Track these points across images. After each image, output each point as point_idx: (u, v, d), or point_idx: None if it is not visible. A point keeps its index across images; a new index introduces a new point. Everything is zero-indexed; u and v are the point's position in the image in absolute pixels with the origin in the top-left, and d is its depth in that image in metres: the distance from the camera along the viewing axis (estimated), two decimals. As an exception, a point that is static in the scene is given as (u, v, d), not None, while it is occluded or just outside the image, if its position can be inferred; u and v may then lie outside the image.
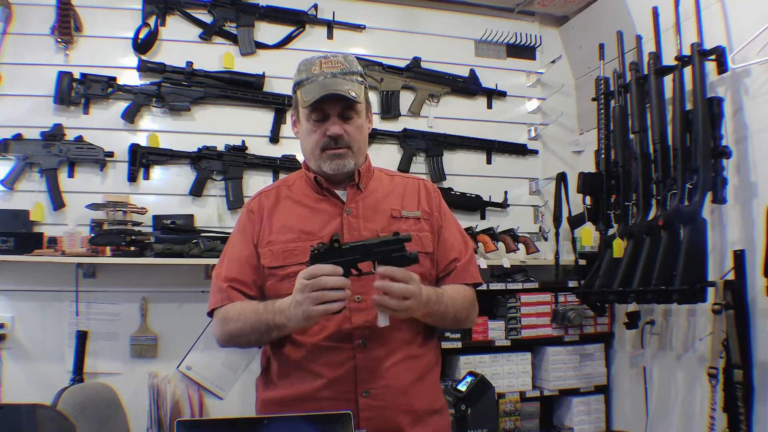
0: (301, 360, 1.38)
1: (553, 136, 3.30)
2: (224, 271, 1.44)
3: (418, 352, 1.43)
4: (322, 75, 1.41)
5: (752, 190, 2.21)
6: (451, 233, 1.52)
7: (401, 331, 1.40)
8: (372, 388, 1.35)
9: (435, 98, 3.12)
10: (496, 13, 3.29)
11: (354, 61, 1.47)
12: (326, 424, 1.11)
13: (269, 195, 1.51)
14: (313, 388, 1.36)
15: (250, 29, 2.90)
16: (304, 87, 1.41)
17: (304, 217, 1.44)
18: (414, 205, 1.50)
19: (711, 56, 2.25)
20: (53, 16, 2.63)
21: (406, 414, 1.37)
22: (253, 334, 1.35)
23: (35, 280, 2.55)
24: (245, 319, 1.36)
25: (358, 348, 1.35)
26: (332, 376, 1.35)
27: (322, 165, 1.43)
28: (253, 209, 1.49)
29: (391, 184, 1.54)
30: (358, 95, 1.40)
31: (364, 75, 1.48)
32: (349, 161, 1.43)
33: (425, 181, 1.59)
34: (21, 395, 2.45)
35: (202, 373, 2.70)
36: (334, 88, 1.38)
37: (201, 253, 2.51)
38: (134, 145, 2.68)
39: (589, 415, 2.87)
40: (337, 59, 1.44)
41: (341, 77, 1.41)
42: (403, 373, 1.39)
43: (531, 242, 3.00)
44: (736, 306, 2.10)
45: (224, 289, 1.42)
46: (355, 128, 1.42)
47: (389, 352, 1.37)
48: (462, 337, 2.73)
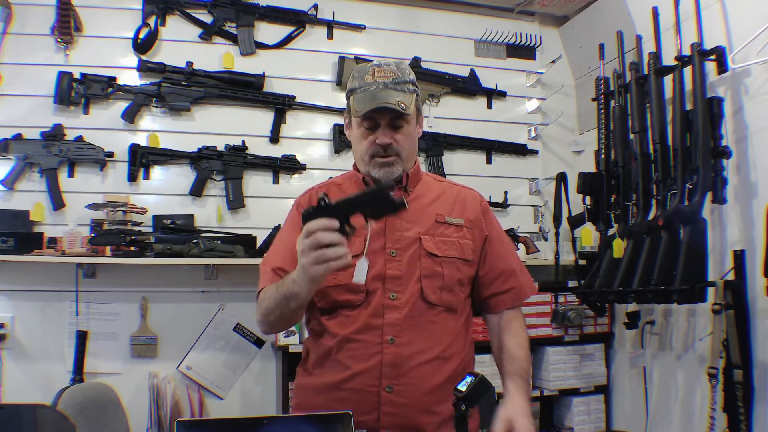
0: (333, 350, 1.41)
1: (553, 136, 3.31)
2: (270, 260, 1.49)
3: (450, 353, 1.43)
4: (375, 85, 1.42)
5: (752, 190, 2.21)
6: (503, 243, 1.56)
7: (432, 333, 1.41)
8: (396, 384, 1.36)
9: (435, 98, 3.12)
10: (496, 13, 3.29)
11: (406, 70, 1.48)
12: (326, 424, 1.11)
13: (320, 191, 1.52)
14: (340, 378, 1.39)
15: (250, 29, 2.90)
16: (357, 95, 1.43)
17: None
18: (459, 212, 1.52)
19: (711, 56, 2.25)
20: (53, 16, 2.63)
21: (430, 415, 1.38)
22: (278, 309, 1.36)
23: (35, 280, 2.56)
24: (271, 295, 1.38)
25: (387, 344, 1.37)
26: (358, 369, 1.37)
27: (371, 171, 1.46)
28: (302, 203, 1.53)
29: (440, 190, 1.56)
30: (407, 106, 1.41)
31: (416, 83, 1.50)
32: (398, 168, 1.45)
33: (474, 191, 1.62)
34: (21, 395, 2.45)
35: (202, 373, 2.70)
36: (385, 100, 1.39)
37: (201, 253, 2.51)
38: (134, 145, 2.68)
39: (589, 415, 2.87)
40: (390, 68, 1.45)
41: (392, 87, 1.41)
42: (431, 373, 1.39)
43: (531, 242, 3.01)
44: (736, 306, 2.10)
45: (267, 272, 1.46)
46: (404, 137, 1.44)
47: (418, 350, 1.39)
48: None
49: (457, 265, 1.45)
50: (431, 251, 1.43)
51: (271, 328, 1.45)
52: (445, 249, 1.45)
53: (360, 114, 1.41)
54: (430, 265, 1.42)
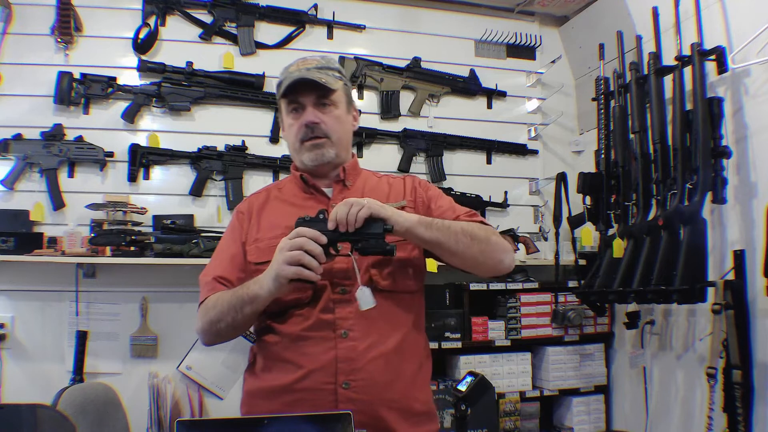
0: (283, 351, 1.38)
1: (553, 136, 3.30)
2: (211, 270, 1.48)
3: (405, 346, 1.41)
4: (297, 71, 1.45)
5: (752, 190, 2.21)
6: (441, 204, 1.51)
7: (386, 323, 1.38)
8: (352, 380, 1.32)
9: (435, 98, 3.11)
10: (496, 13, 3.28)
11: (332, 60, 1.52)
12: (326, 424, 1.11)
13: (259, 197, 1.55)
14: (292, 379, 1.35)
15: (250, 29, 2.90)
16: (282, 85, 1.46)
17: (290, 214, 1.44)
18: (399, 196, 1.51)
19: (711, 56, 2.24)
20: (53, 16, 2.63)
21: (392, 410, 1.35)
22: (230, 315, 1.35)
23: (35, 280, 2.55)
24: (223, 301, 1.37)
25: (340, 338, 1.34)
26: (312, 367, 1.34)
27: (303, 158, 1.46)
28: (242, 210, 1.53)
29: (378, 182, 1.56)
30: (331, 84, 1.43)
31: (342, 73, 1.52)
32: (329, 150, 1.45)
33: (413, 176, 1.61)
34: (21, 395, 2.45)
35: (202, 373, 2.70)
36: (306, 76, 1.42)
37: (201, 253, 2.51)
38: (134, 145, 2.68)
39: (589, 415, 2.87)
40: (314, 58, 1.49)
41: (315, 70, 1.44)
42: (388, 365, 1.36)
43: (531, 242, 3.00)
44: (736, 306, 2.10)
45: (209, 282, 1.45)
46: (332, 118, 1.45)
47: (373, 343, 1.35)
48: (462, 337, 2.73)
49: (405, 246, 1.42)
50: None
51: (216, 337, 1.42)
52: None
53: (282, 93, 1.43)
54: None
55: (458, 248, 1.36)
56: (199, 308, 1.44)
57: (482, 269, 1.44)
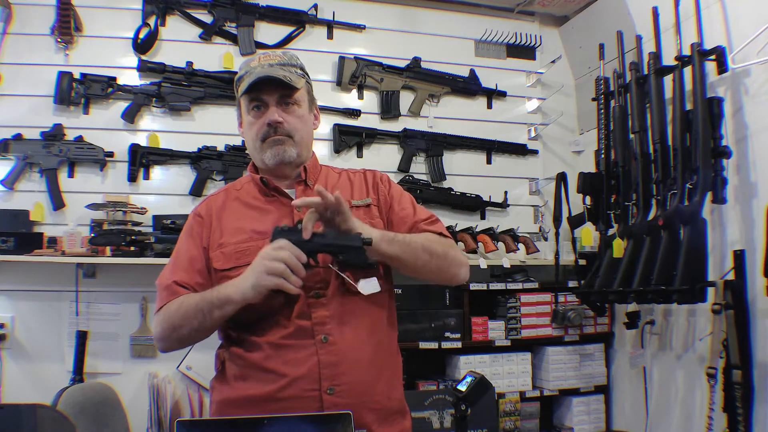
0: (260, 360, 1.33)
1: (553, 136, 3.30)
2: (169, 274, 1.40)
3: (383, 346, 1.40)
4: (260, 67, 1.41)
5: (752, 190, 2.21)
6: (404, 207, 1.49)
7: (363, 323, 1.37)
8: (336, 385, 1.30)
9: (435, 98, 3.11)
10: (496, 13, 3.28)
11: (295, 57, 1.48)
12: (326, 424, 1.11)
13: (217, 198, 1.49)
14: (275, 388, 1.30)
15: (250, 29, 2.90)
16: (243, 80, 1.42)
17: (254, 218, 1.41)
18: (363, 194, 1.49)
19: (711, 56, 2.25)
20: (53, 16, 2.63)
21: (372, 411, 1.34)
22: (196, 318, 1.31)
23: (35, 280, 2.55)
24: (188, 305, 1.32)
25: (320, 343, 1.32)
26: (295, 375, 1.30)
27: (263, 157, 1.42)
28: (200, 213, 1.46)
29: (340, 178, 1.53)
30: (295, 83, 1.40)
31: (305, 70, 1.48)
32: (290, 149, 1.41)
33: (374, 171, 1.57)
34: (21, 395, 2.45)
35: (202, 373, 2.69)
36: (269, 73, 1.38)
37: (201, 253, 2.51)
38: (134, 145, 2.68)
39: (589, 415, 2.87)
40: (276, 54, 1.46)
41: (278, 67, 1.41)
42: (369, 367, 1.35)
43: (531, 242, 3.00)
44: (736, 306, 2.10)
45: (169, 285, 1.37)
46: (295, 117, 1.42)
47: (353, 345, 1.34)
48: (462, 337, 2.73)
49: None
50: None
51: (177, 343, 1.38)
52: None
53: (244, 90, 1.39)
54: None
55: (416, 264, 1.38)
56: (158, 313, 1.38)
57: (437, 281, 1.49)
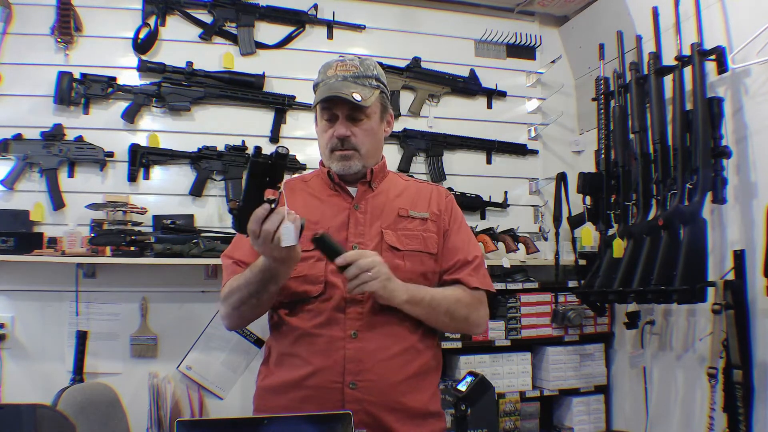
0: (294, 346, 1.39)
1: (553, 136, 3.30)
2: (230, 253, 1.48)
3: (415, 350, 1.42)
4: (335, 78, 1.44)
5: (752, 190, 2.21)
6: (460, 238, 1.53)
7: (397, 326, 1.40)
8: (359, 380, 1.34)
9: (435, 98, 3.11)
10: (496, 13, 3.28)
11: (371, 66, 1.49)
12: (326, 424, 1.11)
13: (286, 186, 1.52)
14: (301, 375, 1.36)
15: (250, 29, 2.90)
16: (319, 88, 1.46)
17: (314, 207, 1.47)
18: (424, 207, 1.52)
19: (711, 56, 2.25)
20: (53, 16, 2.63)
21: (395, 412, 1.36)
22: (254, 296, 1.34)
23: (35, 280, 2.55)
24: (243, 279, 1.35)
25: (350, 338, 1.36)
26: (320, 365, 1.35)
27: (330, 165, 1.48)
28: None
29: (404, 186, 1.57)
30: (365, 99, 1.41)
31: (380, 79, 1.49)
32: (356, 163, 1.46)
33: (440, 186, 1.62)
34: (21, 395, 2.45)
35: (202, 373, 2.70)
36: (338, 90, 1.40)
37: (201, 253, 2.51)
38: (134, 145, 2.68)
39: (589, 415, 2.87)
40: (353, 63, 1.47)
41: (351, 81, 1.43)
42: (395, 368, 1.38)
43: (531, 242, 3.00)
44: (736, 306, 2.10)
45: (229, 264, 1.45)
46: (363, 131, 1.45)
47: (382, 346, 1.37)
48: (462, 337, 2.73)
49: (420, 258, 1.45)
50: (393, 245, 1.43)
51: (241, 320, 1.43)
52: (407, 243, 1.45)
53: (314, 104, 1.44)
54: (391, 259, 1.40)
55: (436, 323, 1.47)
56: (222, 293, 1.44)
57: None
